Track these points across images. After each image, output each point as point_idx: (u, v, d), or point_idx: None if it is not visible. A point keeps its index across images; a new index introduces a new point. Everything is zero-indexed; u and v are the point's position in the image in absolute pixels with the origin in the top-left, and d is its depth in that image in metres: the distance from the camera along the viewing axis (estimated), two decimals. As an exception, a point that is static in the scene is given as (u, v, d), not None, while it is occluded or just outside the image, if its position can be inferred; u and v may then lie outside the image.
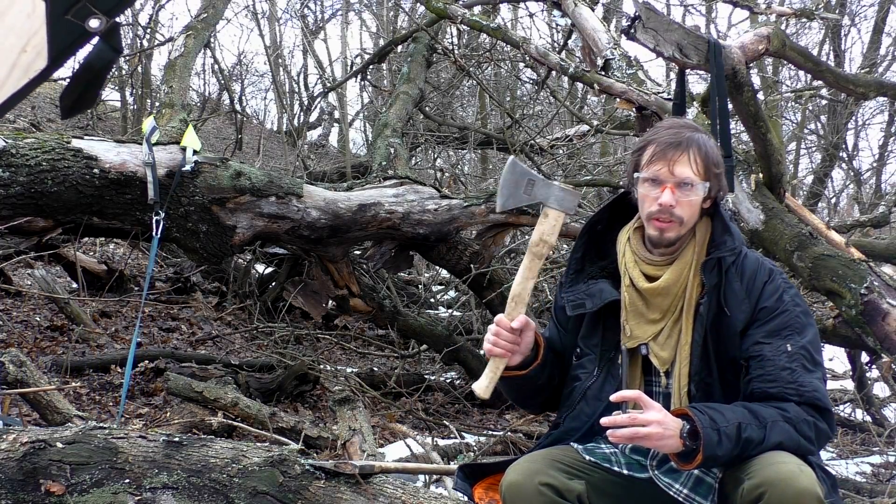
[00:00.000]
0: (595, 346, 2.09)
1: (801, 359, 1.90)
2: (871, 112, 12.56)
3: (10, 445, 2.28)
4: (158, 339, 5.69)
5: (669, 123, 2.10)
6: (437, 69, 8.84)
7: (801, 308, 1.97)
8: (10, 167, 3.72)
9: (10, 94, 1.13)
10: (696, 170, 1.97)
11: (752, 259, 2.03)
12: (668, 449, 1.82)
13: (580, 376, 2.10)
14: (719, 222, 2.03)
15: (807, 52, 4.49)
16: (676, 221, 1.98)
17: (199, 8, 5.98)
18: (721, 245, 1.99)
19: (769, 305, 1.95)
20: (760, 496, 1.71)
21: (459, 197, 4.98)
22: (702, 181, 1.97)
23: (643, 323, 2.03)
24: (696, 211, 2.00)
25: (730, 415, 1.81)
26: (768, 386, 1.88)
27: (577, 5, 4.87)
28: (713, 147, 2.03)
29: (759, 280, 1.98)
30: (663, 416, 1.80)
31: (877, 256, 4.54)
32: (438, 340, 5.45)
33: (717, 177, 2.00)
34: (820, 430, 1.87)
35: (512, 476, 1.90)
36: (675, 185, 1.97)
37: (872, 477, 4.49)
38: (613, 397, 1.86)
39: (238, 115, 9.24)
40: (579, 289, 2.11)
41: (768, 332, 1.93)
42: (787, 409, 1.84)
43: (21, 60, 1.12)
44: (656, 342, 2.01)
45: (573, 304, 2.10)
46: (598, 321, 2.09)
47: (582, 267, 2.15)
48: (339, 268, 4.92)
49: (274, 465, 2.29)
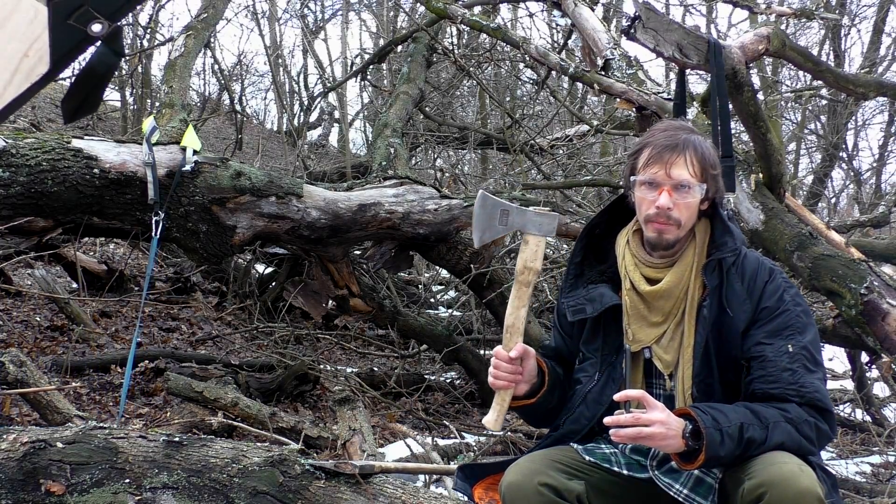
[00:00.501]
0: (596, 350, 2.09)
1: (803, 359, 1.90)
2: (871, 112, 12.58)
3: (10, 445, 2.28)
4: (158, 339, 5.69)
5: (665, 126, 2.10)
6: (437, 69, 8.84)
7: (801, 308, 1.97)
8: (10, 167, 3.72)
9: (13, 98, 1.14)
10: (693, 171, 1.97)
11: (753, 259, 2.03)
12: (671, 449, 1.82)
13: (581, 380, 2.10)
14: (719, 223, 2.03)
15: (807, 52, 4.49)
16: (674, 224, 1.98)
17: (199, 8, 5.98)
18: (722, 246, 1.99)
19: (770, 305, 1.95)
20: (761, 496, 1.71)
21: (459, 197, 4.98)
22: (699, 183, 1.98)
23: (646, 326, 2.03)
24: (694, 213, 2.00)
25: (732, 415, 1.81)
26: (770, 387, 1.88)
27: (577, 5, 4.87)
28: (709, 148, 2.03)
29: (760, 280, 1.98)
30: (666, 415, 1.80)
31: (877, 256, 4.54)
32: (438, 340, 5.45)
33: (713, 178, 2.00)
34: (821, 430, 1.87)
35: (511, 476, 1.90)
36: (672, 188, 1.97)
37: (872, 477, 4.49)
38: (617, 396, 1.86)
39: (238, 115, 9.23)
40: (579, 294, 2.11)
41: (769, 333, 1.93)
42: (788, 409, 1.85)
43: (23, 65, 1.12)
44: (659, 345, 2.01)
45: (573, 310, 2.10)
46: (599, 325, 2.09)
47: (581, 272, 2.15)
48: (339, 268, 4.92)
49: (274, 465, 2.29)
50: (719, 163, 2.05)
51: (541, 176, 7.53)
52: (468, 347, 5.51)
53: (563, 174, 7.59)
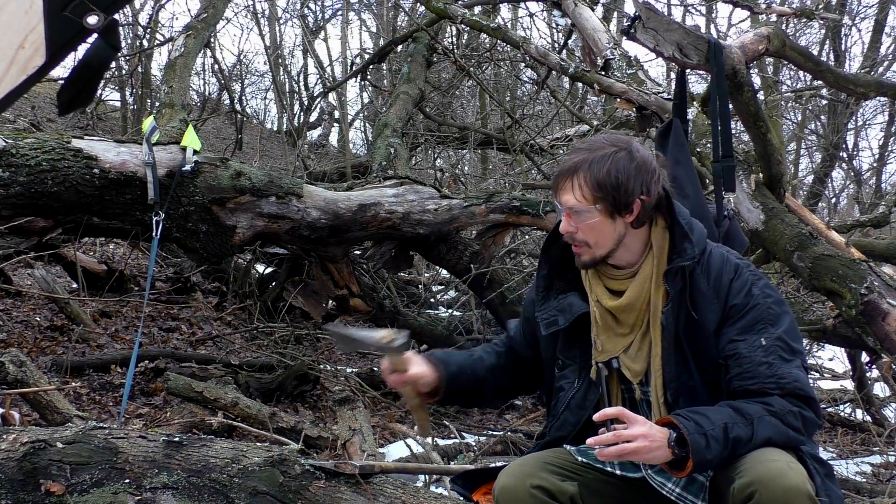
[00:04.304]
0: (575, 356, 2.09)
1: (778, 350, 1.89)
2: (871, 112, 12.58)
3: (10, 445, 2.28)
4: (158, 339, 5.69)
5: (575, 146, 2.09)
6: (437, 69, 8.84)
7: (772, 298, 1.96)
8: (10, 167, 3.72)
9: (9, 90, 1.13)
10: (579, 196, 1.94)
11: (717, 256, 2.01)
12: (658, 460, 1.82)
13: (563, 387, 2.10)
14: (678, 229, 2.00)
15: (807, 52, 4.49)
16: (584, 245, 1.99)
17: (199, 8, 5.98)
18: (682, 252, 1.97)
19: (738, 302, 1.94)
20: (751, 495, 1.72)
21: (459, 197, 4.98)
22: (588, 205, 1.94)
23: (613, 336, 2.03)
24: (604, 232, 1.97)
25: (715, 417, 1.81)
26: (748, 383, 1.88)
27: (577, 5, 4.87)
28: (608, 164, 1.93)
29: (726, 278, 1.97)
30: (647, 428, 1.79)
31: (877, 256, 4.54)
32: (438, 340, 5.45)
33: (611, 195, 1.92)
34: (806, 418, 1.86)
35: (504, 480, 1.91)
36: (568, 212, 1.97)
37: (872, 477, 4.49)
38: (595, 417, 1.84)
39: (238, 115, 9.24)
40: (550, 306, 2.11)
41: (741, 329, 1.92)
42: (770, 402, 1.84)
43: (19, 57, 1.11)
44: (627, 355, 2.02)
45: (547, 323, 2.10)
46: (575, 333, 2.09)
47: (550, 283, 2.14)
48: (339, 268, 4.92)
49: (274, 465, 2.29)
50: (637, 173, 1.94)
51: (541, 176, 7.54)
52: (468, 348, 5.50)
53: (563, 174, 7.56)
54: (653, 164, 1.98)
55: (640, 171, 1.95)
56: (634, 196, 1.94)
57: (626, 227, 1.98)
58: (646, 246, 2.02)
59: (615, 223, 1.96)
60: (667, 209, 2.01)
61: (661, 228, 2.02)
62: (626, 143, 2.00)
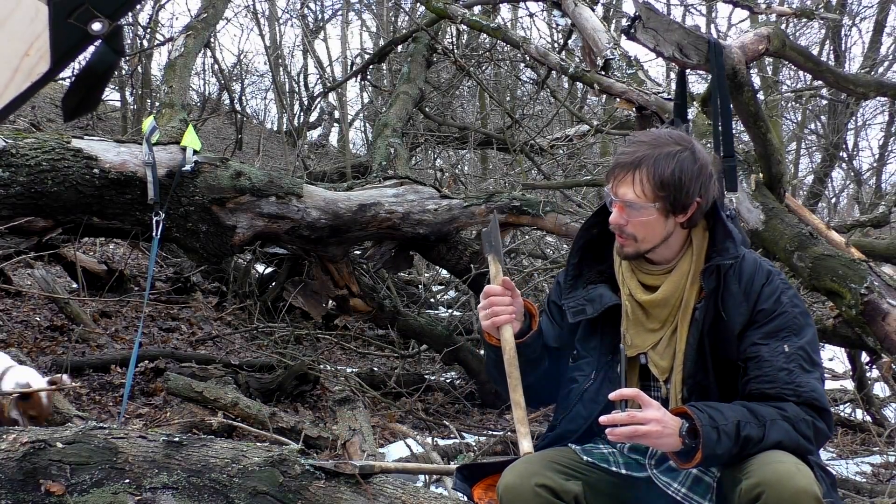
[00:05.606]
0: (593, 349, 2.08)
1: (799, 359, 1.89)
2: (871, 112, 12.60)
3: (10, 445, 2.28)
4: (158, 339, 5.69)
5: (636, 137, 2.07)
6: (437, 69, 8.84)
7: (799, 309, 1.96)
8: (10, 167, 3.72)
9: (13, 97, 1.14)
10: (639, 191, 1.93)
11: (750, 261, 2.01)
12: (668, 447, 1.82)
13: (577, 378, 2.09)
14: (721, 227, 2.01)
15: (807, 52, 4.49)
16: (630, 238, 1.98)
17: (199, 8, 5.98)
18: (724, 251, 1.97)
19: (767, 307, 1.94)
20: (758, 496, 1.71)
21: (459, 197, 4.97)
22: (647, 202, 1.93)
23: (643, 332, 2.03)
24: (654, 229, 1.96)
25: (729, 413, 1.81)
26: (766, 387, 1.88)
27: (577, 5, 4.87)
28: (673, 164, 1.92)
29: (758, 282, 1.97)
30: (662, 414, 1.80)
31: (877, 256, 4.53)
32: (438, 340, 5.45)
33: (672, 195, 1.92)
34: (818, 429, 1.87)
35: (508, 478, 1.90)
36: (622, 205, 1.96)
37: (872, 477, 4.49)
38: (612, 396, 1.85)
39: (238, 115, 9.24)
40: (579, 294, 2.10)
41: (766, 334, 1.92)
42: (785, 408, 1.84)
43: (24, 64, 1.12)
44: (655, 351, 2.01)
45: (574, 311, 2.09)
46: (598, 325, 2.08)
47: (580, 272, 2.14)
48: (339, 268, 4.92)
49: (274, 465, 2.28)
50: (699, 175, 1.94)
51: (541, 176, 7.53)
52: (468, 347, 5.50)
53: (563, 174, 7.59)
54: (710, 167, 1.99)
55: (701, 173, 1.95)
56: (693, 198, 1.95)
57: (676, 226, 1.98)
58: (684, 244, 2.02)
59: (667, 221, 1.97)
60: (711, 210, 2.02)
61: (702, 228, 2.03)
62: (689, 142, 2.00)
